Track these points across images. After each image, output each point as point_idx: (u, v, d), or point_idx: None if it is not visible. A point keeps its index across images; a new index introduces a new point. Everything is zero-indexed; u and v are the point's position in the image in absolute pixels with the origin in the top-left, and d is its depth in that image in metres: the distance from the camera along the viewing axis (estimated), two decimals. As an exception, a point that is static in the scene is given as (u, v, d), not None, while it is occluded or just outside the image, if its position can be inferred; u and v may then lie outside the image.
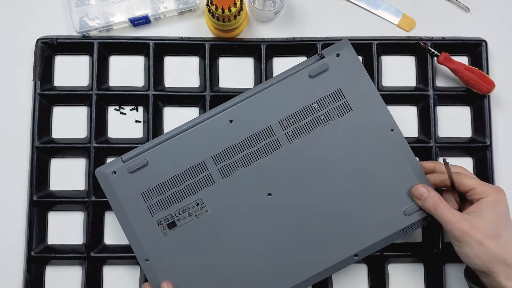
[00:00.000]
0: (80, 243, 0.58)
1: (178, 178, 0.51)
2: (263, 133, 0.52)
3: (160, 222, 0.51)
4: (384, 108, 0.52)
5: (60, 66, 0.61)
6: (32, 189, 0.57)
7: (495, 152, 0.59)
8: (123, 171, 0.51)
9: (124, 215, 0.51)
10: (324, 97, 0.52)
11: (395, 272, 0.58)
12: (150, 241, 0.51)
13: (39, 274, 0.57)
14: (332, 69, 0.52)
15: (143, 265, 0.51)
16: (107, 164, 0.53)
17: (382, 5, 0.62)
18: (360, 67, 0.52)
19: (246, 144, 0.52)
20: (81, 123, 0.60)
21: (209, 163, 0.51)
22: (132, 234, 0.51)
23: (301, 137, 0.52)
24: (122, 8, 0.59)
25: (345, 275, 0.58)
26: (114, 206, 0.52)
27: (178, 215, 0.51)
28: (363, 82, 0.52)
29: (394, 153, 0.51)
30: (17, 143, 0.59)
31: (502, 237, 0.46)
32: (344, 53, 0.52)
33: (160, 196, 0.51)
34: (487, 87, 0.57)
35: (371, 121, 0.52)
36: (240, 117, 0.52)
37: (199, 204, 0.51)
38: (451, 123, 0.61)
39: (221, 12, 0.53)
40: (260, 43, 0.59)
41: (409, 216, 0.51)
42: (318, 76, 0.52)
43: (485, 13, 0.62)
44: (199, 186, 0.51)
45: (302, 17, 0.62)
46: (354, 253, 0.51)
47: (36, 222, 0.57)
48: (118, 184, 0.51)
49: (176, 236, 0.51)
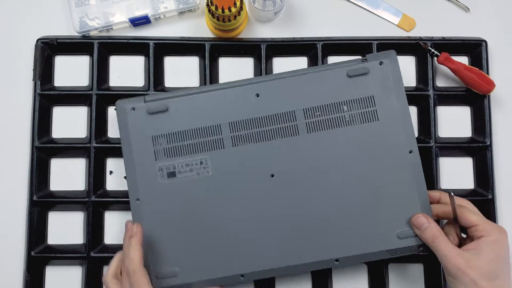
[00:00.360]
0: (80, 243, 0.58)
1: (191, 133, 0.52)
2: (285, 116, 0.52)
3: (161, 169, 0.52)
4: (410, 128, 0.52)
5: (60, 66, 0.61)
6: (32, 189, 0.57)
7: (495, 152, 0.59)
8: (142, 110, 0.53)
9: (130, 151, 0.53)
10: (356, 99, 0.52)
11: (395, 272, 0.58)
12: (146, 183, 0.52)
13: (39, 274, 0.57)
14: (372, 75, 0.52)
15: (132, 204, 0.52)
16: (129, 99, 0.54)
17: (382, 5, 0.62)
18: (400, 82, 0.52)
19: (265, 122, 0.52)
20: (81, 123, 0.60)
21: (225, 128, 0.52)
22: (132, 171, 0.52)
23: (320, 131, 0.52)
24: (122, 8, 0.59)
25: (345, 275, 0.58)
26: (123, 140, 0.53)
27: (180, 167, 0.52)
28: (398, 97, 0.52)
29: (405, 174, 0.51)
30: (17, 143, 0.59)
31: (498, 280, 0.44)
32: (388, 63, 0.52)
33: (169, 144, 0.52)
34: (487, 87, 0.57)
35: (393, 136, 0.52)
36: (268, 94, 0.52)
37: (203, 163, 0.52)
38: (451, 123, 0.61)
39: (221, 12, 0.53)
40: (260, 43, 0.59)
41: (402, 239, 0.51)
42: (355, 78, 0.52)
43: (485, 13, 0.62)
44: (208, 147, 0.52)
45: (302, 17, 0.62)
46: (336, 258, 0.51)
47: (36, 222, 0.57)
48: (134, 121, 0.53)
49: (172, 187, 0.52)
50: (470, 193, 0.59)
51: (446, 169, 0.60)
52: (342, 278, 0.58)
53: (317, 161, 0.52)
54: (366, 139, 0.52)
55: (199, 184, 0.52)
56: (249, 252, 0.51)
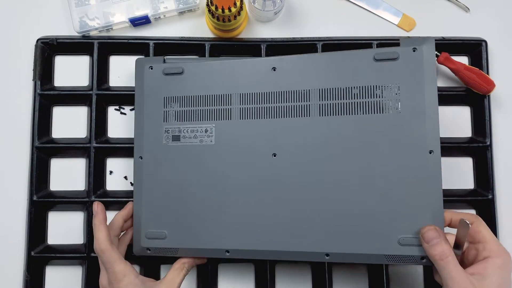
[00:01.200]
0: (80, 243, 0.58)
1: (202, 100, 0.52)
2: (299, 94, 0.49)
3: (167, 131, 0.53)
4: (436, 125, 0.46)
5: (60, 66, 0.61)
6: (32, 189, 0.57)
7: (495, 152, 0.59)
8: (159, 70, 0.54)
9: (142, 109, 0.54)
10: (378, 86, 0.47)
11: (395, 273, 0.58)
12: (151, 143, 0.53)
13: (39, 274, 0.57)
14: (402, 61, 0.47)
15: (136, 161, 0.53)
16: (149, 58, 0.56)
17: (382, 5, 0.62)
18: (433, 73, 0.46)
19: (277, 98, 0.50)
20: (81, 123, 0.60)
21: (235, 99, 0.51)
22: (140, 128, 0.53)
23: (333, 115, 0.48)
24: (122, 8, 0.59)
25: (345, 275, 0.58)
26: (137, 98, 0.54)
27: (185, 132, 0.52)
28: (429, 90, 0.46)
29: (421, 176, 0.46)
30: (17, 143, 0.59)
31: None
32: (423, 50, 0.47)
33: (179, 108, 0.53)
34: (487, 87, 0.57)
35: (415, 132, 0.46)
36: (285, 69, 0.50)
37: (208, 131, 0.52)
38: (451, 123, 0.61)
39: (221, 12, 0.53)
40: (260, 43, 0.59)
41: (403, 246, 0.46)
42: (383, 62, 0.48)
43: (485, 13, 0.62)
44: (216, 116, 0.52)
45: (302, 17, 0.62)
46: (327, 252, 0.48)
47: (36, 222, 0.57)
48: (149, 80, 0.54)
49: (174, 150, 0.52)
50: (470, 193, 0.59)
51: (446, 169, 0.60)
52: (342, 278, 0.58)
53: (324, 147, 0.48)
54: (382, 131, 0.47)
55: (200, 151, 0.52)
56: (239, 229, 0.50)
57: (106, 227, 0.49)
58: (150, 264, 0.57)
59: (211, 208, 0.51)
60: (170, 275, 0.50)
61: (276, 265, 0.58)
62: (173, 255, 0.52)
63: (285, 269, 0.58)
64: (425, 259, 0.45)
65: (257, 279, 0.58)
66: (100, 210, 0.50)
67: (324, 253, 0.48)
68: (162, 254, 0.52)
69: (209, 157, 0.52)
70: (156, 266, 0.58)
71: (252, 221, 0.50)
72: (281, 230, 0.49)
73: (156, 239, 0.52)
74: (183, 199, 0.52)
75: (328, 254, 0.48)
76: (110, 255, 0.48)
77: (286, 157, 0.49)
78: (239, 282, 0.58)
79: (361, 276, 0.59)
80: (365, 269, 0.59)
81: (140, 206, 0.53)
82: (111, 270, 0.48)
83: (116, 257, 0.48)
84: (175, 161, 0.52)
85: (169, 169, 0.52)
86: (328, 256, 0.48)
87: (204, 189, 0.51)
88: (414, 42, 0.47)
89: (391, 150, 0.47)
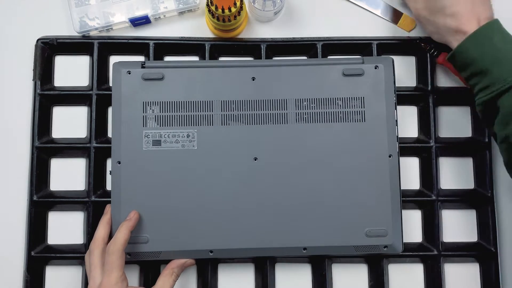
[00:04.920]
0: (80, 243, 0.58)
1: (183, 105, 0.54)
2: (277, 103, 0.54)
3: (147, 135, 0.53)
4: (394, 135, 0.54)
5: (60, 66, 0.61)
6: (32, 189, 0.57)
7: (495, 152, 0.59)
8: (137, 75, 0.54)
9: (119, 113, 0.53)
10: (347, 98, 0.54)
11: (395, 272, 0.58)
12: (130, 147, 0.53)
13: (39, 274, 0.57)
14: (366, 77, 0.55)
15: (113, 165, 0.53)
16: (126, 62, 0.55)
17: (382, 5, 0.62)
18: (391, 89, 0.54)
19: (257, 106, 0.54)
20: (81, 123, 0.60)
21: (216, 106, 0.54)
22: (117, 133, 0.53)
23: (308, 123, 0.54)
24: (122, 8, 0.59)
25: (345, 275, 0.58)
26: (114, 102, 0.54)
27: (166, 137, 0.53)
28: (387, 103, 0.54)
29: (382, 176, 0.54)
30: (17, 143, 0.59)
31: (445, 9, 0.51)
32: (382, 69, 0.55)
33: (160, 113, 0.53)
34: (487, 87, 0.57)
35: (377, 139, 0.54)
36: (264, 79, 0.54)
37: (190, 136, 0.53)
38: (451, 123, 0.61)
39: (221, 12, 0.53)
40: (260, 43, 0.59)
41: (370, 238, 0.53)
42: (350, 77, 0.54)
43: (485, 13, 0.62)
44: (198, 121, 0.54)
45: (302, 17, 0.62)
46: (304, 246, 0.53)
47: (36, 222, 0.57)
48: (127, 84, 0.54)
49: (155, 154, 0.53)
50: (470, 193, 0.59)
51: (446, 169, 0.60)
52: (342, 278, 0.58)
53: (301, 151, 0.54)
54: (350, 137, 0.54)
55: (182, 156, 0.53)
56: (221, 230, 0.53)
57: (129, 234, 0.50)
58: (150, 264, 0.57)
59: (192, 210, 0.53)
60: (160, 281, 0.51)
61: (276, 265, 0.58)
62: (155, 258, 0.53)
63: (285, 269, 0.58)
64: (386, 247, 0.53)
65: (257, 279, 0.58)
66: (134, 219, 0.52)
67: (302, 247, 0.53)
68: (144, 259, 0.53)
69: (192, 161, 0.53)
70: (156, 266, 0.58)
71: (234, 221, 0.53)
72: (262, 228, 0.53)
73: (137, 243, 0.52)
74: (164, 203, 0.53)
75: (305, 248, 0.53)
76: (116, 259, 0.48)
77: (266, 160, 0.54)
78: (239, 282, 0.58)
79: (361, 276, 0.59)
80: (365, 269, 0.59)
81: (119, 211, 0.53)
82: (109, 273, 0.48)
83: (119, 264, 0.48)
84: (156, 165, 0.53)
85: (149, 174, 0.53)
86: (305, 249, 0.53)
87: (187, 192, 0.53)
88: (376, 60, 0.55)
89: (357, 154, 0.54)
